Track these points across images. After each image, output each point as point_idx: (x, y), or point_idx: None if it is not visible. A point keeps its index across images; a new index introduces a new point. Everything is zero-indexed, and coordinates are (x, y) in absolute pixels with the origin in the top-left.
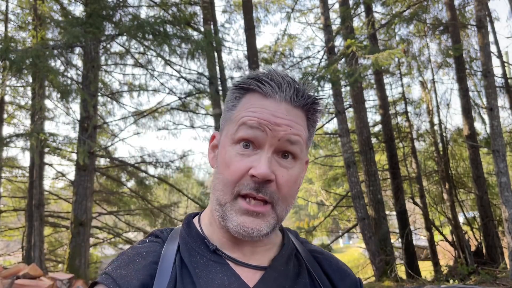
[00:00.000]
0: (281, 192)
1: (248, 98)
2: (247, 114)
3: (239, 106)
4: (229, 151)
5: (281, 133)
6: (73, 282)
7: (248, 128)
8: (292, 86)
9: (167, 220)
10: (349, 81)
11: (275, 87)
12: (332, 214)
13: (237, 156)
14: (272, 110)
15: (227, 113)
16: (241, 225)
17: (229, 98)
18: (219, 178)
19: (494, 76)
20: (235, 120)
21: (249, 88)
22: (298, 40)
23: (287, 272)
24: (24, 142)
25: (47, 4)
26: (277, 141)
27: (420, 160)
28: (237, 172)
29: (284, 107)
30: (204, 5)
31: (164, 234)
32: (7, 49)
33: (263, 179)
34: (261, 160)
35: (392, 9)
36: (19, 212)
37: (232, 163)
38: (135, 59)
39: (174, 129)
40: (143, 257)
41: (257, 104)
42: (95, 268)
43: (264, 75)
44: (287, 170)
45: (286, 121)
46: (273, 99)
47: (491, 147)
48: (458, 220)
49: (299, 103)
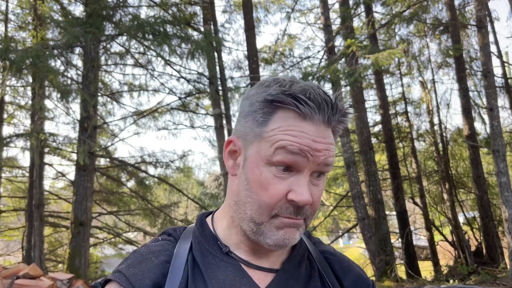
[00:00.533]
0: (313, 208)
1: (282, 116)
2: (287, 138)
3: (272, 124)
4: (265, 172)
5: (321, 158)
6: (73, 282)
7: (288, 153)
8: (330, 105)
9: (167, 220)
10: (349, 81)
11: (314, 109)
12: (332, 214)
13: (275, 179)
14: (312, 135)
15: (256, 127)
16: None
17: (257, 110)
18: (254, 198)
19: (494, 76)
20: (270, 140)
21: (284, 106)
22: (298, 40)
23: (298, 275)
24: (24, 142)
25: (47, 4)
26: (316, 165)
27: (420, 160)
28: (276, 196)
29: (322, 129)
30: (204, 5)
31: (177, 233)
32: (7, 49)
33: (304, 205)
34: (300, 185)
35: (392, 9)
36: (19, 212)
37: (270, 186)
38: (135, 59)
39: (174, 129)
40: (156, 256)
41: (295, 126)
42: (95, 268)
43: (301, 93)
44: (318, 187)
45: (325, 145)
46: (312, 121)
47: (491, 147)
48: (458, 220)
49: (334, 122)
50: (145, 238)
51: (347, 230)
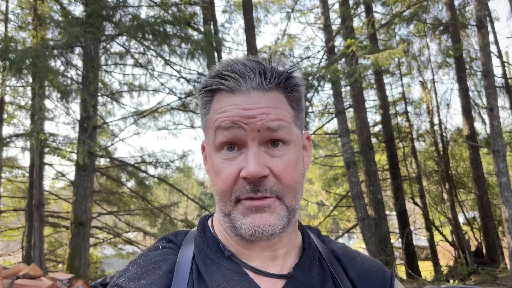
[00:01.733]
0: (283, 182)
1: (217, 100)
2: (218, 116)
3: (210, 111)
4: (215, 160)
5: (259, 123)
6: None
7: (224, 130)
8: (257, 70)
9: (167, 220)
10: (349, 81)
11: (238, 79)
12: (332, 214)
13: (224, 163)
14: (242, 104)
15: (203, 121)
16: (251, 225)
17: (200, 104)
18: (215, 189)
19: (494, 76)
20: (211, 126)
21: (214, 89)
22: (298, 40)
23: (310, 281)
24: (24, 142)
25: (47, 4)
26: (257, 132)
27: (420, 160)
28: (229, 178)
29: (254, 95)
30: (204, 5)
31: (179, 239)
32: (7, 49)
33: (254, 178)
34: (248, 158)
35: (392, 9)
36: (19, 212)
37: (221, 171)
38: (135, 59)
39: (174, 129)
40: (158, 267)
41: (226, 103)
42: (95, 268)
43: (224, 69)
44: (281, 158)
45: (260, 110)
46: (240, 92)
47: (491, 147)
48: (458, 220)
49: (270, 85)
50: (145, 238)
51: (347, 230)
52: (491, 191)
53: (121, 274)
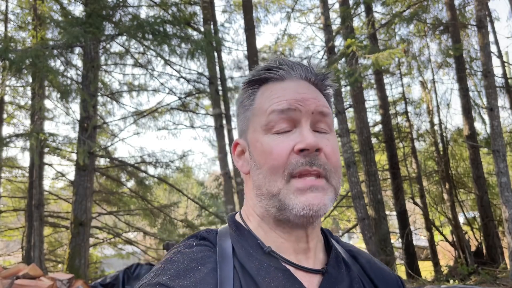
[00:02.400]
0: (332, 162)
1: (264, 90)
2: (273, 101)
3: (258, 100)
4: (265, 141)
5: (313, 106)
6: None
7: (280, 113)
8: (303, 66)
9: (167, 220)
10: (349, 81)
11: (288, 69)
12: (332, 214)
13: (276, 140)
14: (294, 89)
15: (246, 112)
16: (306, 203)
17: (242, 98)
18: (263, 171)
19: (494, 76)
20: (261, 113)
21: (261, 79)
22: (298, 40)
23: (342, 277)
24: (24, 142)
25: (47, 4)
26: (311, 114)
27: (420, 160)
28: (283, 153)
29: (304, 84)
30: (204, 5)
31: (211, 236)
32: (7, 49)
33: (313, 148)
34: (303, 133)
35: (392, 9)
36: (19, 212)
37: (273, 148)
38: (135, 59)
39: (174, 129)
40: (201, 264)
41: (277, 88)
42: (95, 268)
43: (272, 63)
44: (328, 140)
45: (311, 94)
46: (290, 79)
47: (491, 147)
48: (458, 220)
49: (314, 80)
50: (145, 238)
51: (347, 230)
52: (491, 191)
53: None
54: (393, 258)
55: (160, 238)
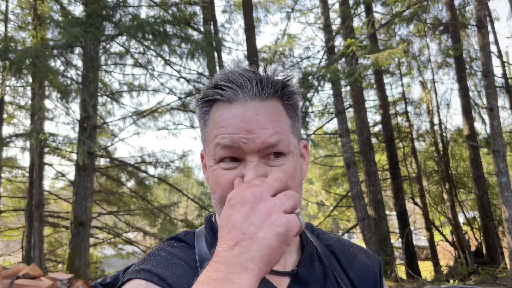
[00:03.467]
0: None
1: (215, 110)
2: (219, 132)
3: (210, 122)
4: (215, 170)
5: (258, 141)
6: (73, 282)
7: (223, 148)
8: (253, 79)
9: (167, 220)
10: (349, 81)
11: (236, 89)
12: (332, 214)
13: (223, 171)
14: (240, 116)
15: (202, 132)
16: None
17: (198, 116)
18: (215, 198)
19: (494, 76)
20: (210, 140)
21: (212, 99)
22: (298, 40)
23: (314, 275)
24: (24, 142)
25: (47, 4)
26: (257, 152)
27: (420, 160)
28: (228, 185)
29: (252, 106)
30: (204, 5)
31: (189, 238)
32: (7, 49)
33: None
34: (247, 169)
35: (392, 9)
36: (19, 212)
37: (220, 179)
38: (135, 59)
39: (174, 129)
40: (182, 260)
41: (224, 115)
42: (95, 268)
43: (221, 80)
44: (279, 167)
45: (258, 124)
46: (237, 102)
47: (491, 147)
48: (458, 220)
49: (267, 94)
50: (145, 238)
51: (347, 230)
52: (491, 191)
53: (142, 262)
54: (393, 258)
55: (160, 238)
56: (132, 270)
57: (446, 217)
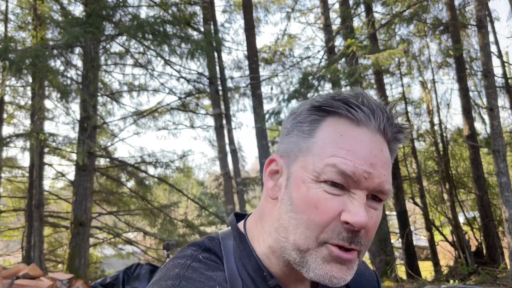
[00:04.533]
0: (368, 236)
1: (332, 124)
2: (339, 153)
3: (321, 133)
4: (313, 188)
5: (376, 181)
6: (73, 282)
7: (340, 173)
8: (384, 112)
9: (167, 220)
10: (350, 81)
11: (369, 114)
12: None
13: (326, 194)
14: (368, 146)
15: (302, 140)
16: (328, 274)
17: (302, 119)
18: (299, 219)
19: (494, 76)
20: (319, 153)
21: (334, 111)
22: (298, 40)
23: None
24: (24, 142)
25: (47, 4)
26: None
27: (420, 160)
28: (329, 214)
29: (378, 139)
30: (204, 5)
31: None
32: (7, 49)
33: (360, 228)
34: (356, 205)
35: (392, 9)
36: (19, 212)
37: (320, 203)
38: (135, 59)
39: (174, 129)
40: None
41: (348, 135)
42: (95, 268)
43: (353, 98)
44: (375, 211)
45: (381, 161)
46: (367, 128)
47: (491, 147)
48: (458, 220)
49: (391, 133)
50: (144, 238)
51: None
52: (491, 191)
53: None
54: (393, 258)
55: (160, 238)
56: None
57: (446, 217)
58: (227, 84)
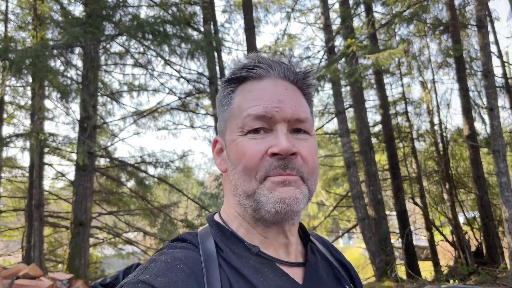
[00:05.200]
0: (308, 165)
1: (242, 89)
2: (250, 104)
3: (236, 100)
4: (240, 142)
5: (289, 112)
6: (73, 282)
7: (255, 118)
8: (282, 64)
9: (167, 220)
10: (350, 81)
11: (266, 67)
12: (332, 214)
13: (251, 141)
14: (271, 89)
15: (224, 112)
16: (278, 198)
17: (221, 97)
18: (238, 171)
19: (494, 76)
20: (238, 114)
21: (240, 78)
22: (298, 40)
23: (319, 264)
24: (24, 142)
25: (47, 4)
26: (288, 121)
27: (420, 160)
28: (256, 154)
29: (281, 83)
30: (204, 5)
31: (193, 238)
32: (7, 49)
33: (286, 153)
34: (278, 137)
35: (392, 9)
36: (19, 212)
37: (247, 149)
38: (135, 59)
39: (174, 129)
40: (184, 263)
41: (255, 90)
42: (95, 268)
43: (252, 61)
44: (305, 142)
45: (289, 97)
46: (269, 78)
47: (491, 147)
48: (458, 220)
49: (293, 78)
50: (145, 238)
51: (347, 230)
52: (491, 191)
53: (142, 271)
54: (393, 258)
55: (160, 238)
56: (131, 281)
57: (446, 217)
58: None
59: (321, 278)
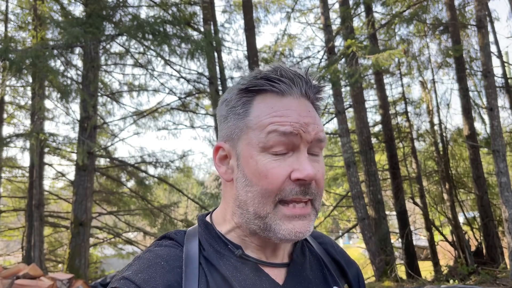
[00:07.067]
0: (319, 187)
1: (261, 100)
2: (275, 120)
3: (254, 111)
4: (261, 160)
5: (313, 133)
6: (73, 282)
7: (281, 135)
8: (303, 79)
9: (167, 220)
10: (350, 82)
11: (289, 84)
12: (332, 214)
13: (273, 163)
14: (297, 110)
15: (238, 121)
16: (293, 231)
17: (234, 103)
18: (254, 191)
19: (494, 76)
20: (258, 127)
21: (259, 89)
22: (298, 40)
23: (307, 264)
24: (24, 142)
25: (47, 4)
26: (309, 142)
27: (420, 160)
28: (279, 179)
29: (304, 102)
30: (204, 5)
31: (179, 236)
32: (7, 49)
33: (311, 180)
34: (301, 161)
35: (392, 9)
36: (19, 212)
37: (269, 171)
38: (135, 59)
39: (174, 129)
40: (165, 260)
41: (279, 106)
42: (95, 268)
43: (272, 73)
44: (319, 164)
45: (311, 118)
46: (291, 96)
47: (491, 147)
48: (458, 220)
49: (312, 94)
50: (145, 238)
51: (347, 230)
52: (491, 191)
53: (126, 268)
54: (393, 258)
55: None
56: (116, 278)
57: (446, 217)
58: (227, 84)
59: (305, 278)
